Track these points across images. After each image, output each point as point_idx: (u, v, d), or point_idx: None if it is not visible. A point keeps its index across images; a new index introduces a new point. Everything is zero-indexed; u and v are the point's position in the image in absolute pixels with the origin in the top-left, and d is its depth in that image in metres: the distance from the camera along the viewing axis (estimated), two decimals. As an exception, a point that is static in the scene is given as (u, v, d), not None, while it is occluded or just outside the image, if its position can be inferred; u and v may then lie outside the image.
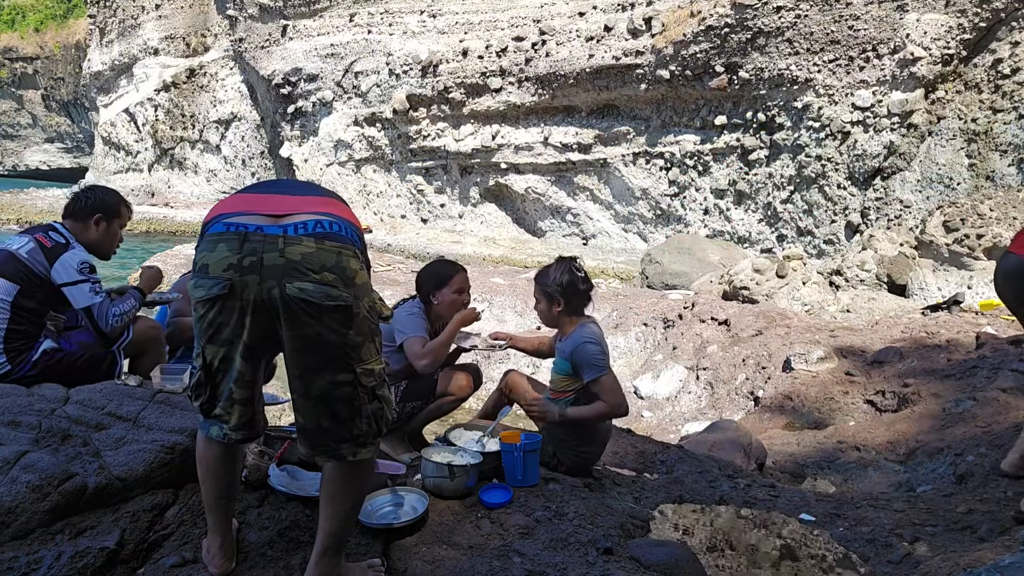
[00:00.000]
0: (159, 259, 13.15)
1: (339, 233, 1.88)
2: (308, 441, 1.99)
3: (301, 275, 1.81)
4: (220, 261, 1.82)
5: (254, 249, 1.80)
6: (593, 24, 16.57)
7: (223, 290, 1.82)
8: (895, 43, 13.01)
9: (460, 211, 19.78)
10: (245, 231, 1.82)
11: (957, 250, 10.50)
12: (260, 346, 1.93)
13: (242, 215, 1.87)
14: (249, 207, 1.90)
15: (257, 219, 1.85)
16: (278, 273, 1.80)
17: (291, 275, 1.80)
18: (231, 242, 1.82)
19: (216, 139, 25.74)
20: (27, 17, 38.86)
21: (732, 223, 15.72)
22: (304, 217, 1.86)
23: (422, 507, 2.50)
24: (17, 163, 41.37)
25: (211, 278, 1.83)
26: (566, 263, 3.18)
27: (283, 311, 1.82)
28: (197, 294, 1.87)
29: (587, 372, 3.04)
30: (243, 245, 1.81)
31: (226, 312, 1.86)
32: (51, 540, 2.11)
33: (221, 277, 1.82)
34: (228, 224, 1.84)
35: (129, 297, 3.44)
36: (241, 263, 1.80)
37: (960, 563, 2.48)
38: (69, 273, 3.20)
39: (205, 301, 1.86)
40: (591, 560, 2.29)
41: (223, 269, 1.82)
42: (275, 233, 1.81)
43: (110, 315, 3.27)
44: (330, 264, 1.83)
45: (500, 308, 9.79)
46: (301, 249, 1.81)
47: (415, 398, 3.34)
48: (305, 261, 1.81)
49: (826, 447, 5.01)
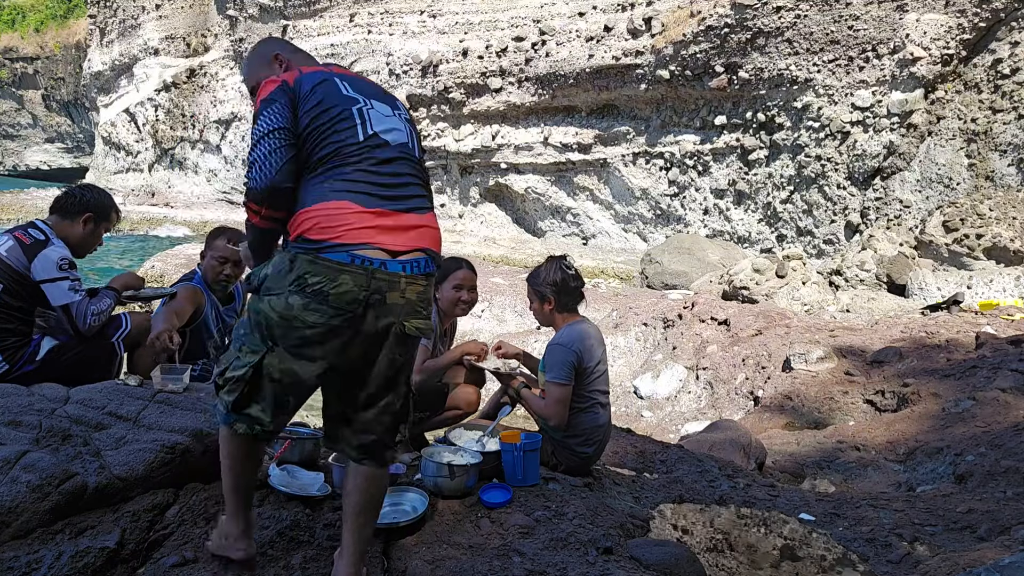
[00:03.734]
0: (159, 259, 13.16)
1: (434, 271, 2.03)
2: (362, 449, 2.05)
3: (416, 313, 1.96)
4: (344, 294, 1.84)
5: (379, 288, 1.87)
6: (593, 24, 16.56)
7: (344, 323, 1.87)
8: (895, 43, 13.00)
9: (460, 211, 19.77)
10: (372, 267, 1.86)
11: (957, 250, 10.50)
12: (341, 368, 1.97)
13: (366, 247, 1.86)
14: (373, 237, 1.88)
15: (380, 254, 1.88)
16: (398, 311, 1.92)
17: (409, 314, 1.94)
18: (357, 277, 1.85)
19: (216, 139, 25.73)
20: (27, 17, 38.83)
21: (732, 223, 15.71)
22: (417, 254, 1.94)
23: (422, 507, 2.50)
24: (17, 163, 41.34)
25: (332, 308, 1.85)
26: (556, 262, 3.20)
27: (392, 342, 1.95)
28: (309, 317, 1.85)
29: (546, 371, 3.08)
30: (370, 283, 1.86)
31: (330, 337, 1.88)
32: (51, 540, 2.11)
33: (345, 310, 1.86)
34: (354, 256, 1.85)
35: (104, 296, 3.43)
36: (368, 300, 1.87)
37: (960, 563, 2.49)
38: (48, 269, 3.19)
39: (312, 324, 1.86)
40: (591, 560, 2.29)
41: (347, 302, 1.86)
42: (397, 272, 1.89)
43: (88, 314, 3.26)
44: (428, 299, 2.02)
45: (500, 308, 9.79)
46: (416, 288, 1.94)
47: (423, 408, 3.33)
48: (419, 300, 1.96)
49: (826, 447, 5.02)
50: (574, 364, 3.04)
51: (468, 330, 8.74)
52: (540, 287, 3.17)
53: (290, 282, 1.85)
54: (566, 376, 3.04)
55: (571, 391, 3.07)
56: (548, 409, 3.08)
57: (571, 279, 3.16)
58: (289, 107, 1.91)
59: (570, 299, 3.18)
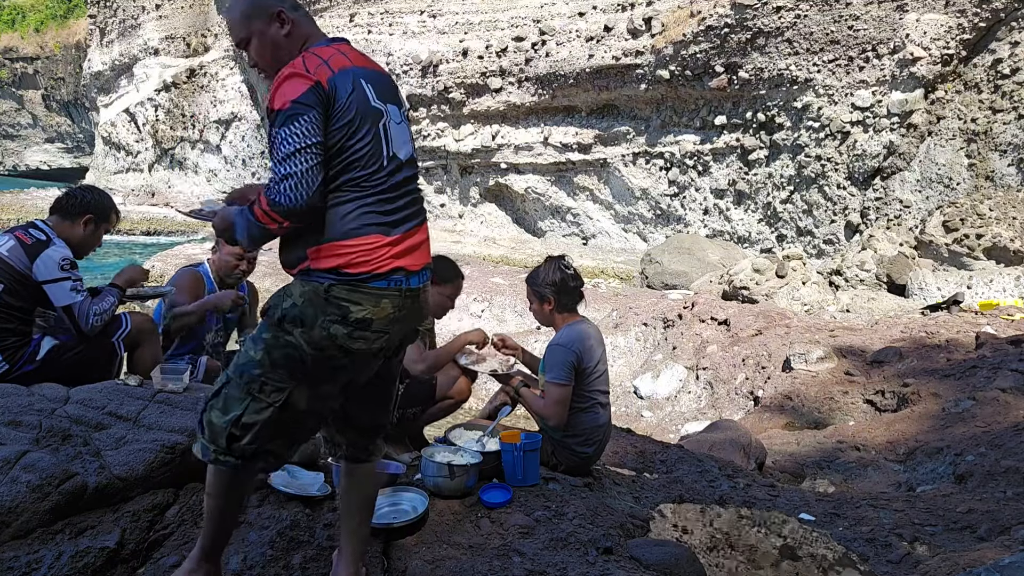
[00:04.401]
0: (159, 259, 13.17)
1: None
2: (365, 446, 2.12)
3: (424, 317, 2.13)
4: (385, 317, 1.90)
5: (406, 304, 1.96)
6: (593, 24, 16.56)
7: (384, 344, 1.94)
8: (895, 43, 13.00)
9: (460, 211, 19.77)
10: (402, 288, 1.93)
11: (957, 250, 10.50)
12: (360, 380, 2.02)
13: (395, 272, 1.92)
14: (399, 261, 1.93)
15: (404, 273, 1.94)
16: (415, 319, 2.04)
17: (422, 319, 2.11)
18: (394, 299, 1.91)
19: (216, 139, 25.73)
20: (27, 17, 38.84)
21: (732, 223, 15.71)
22: (425, 261, 2.04)
23: (422, 507, 2.50)
24: (17, 163, 41.34)
25: (375, 333, 1.90)
26: (555, 262, 3.21)
27: (404, 345, 2.11)
28: (355, 345, 1.87)
29: (546, 372, 3.09)
30: (403, 303, 1.94)
31: (366, 358, 1.95)
32: (51, 540, 2.11)
33: (384, 331, 1.92)
34: (389, 280, 1.90)
35: (107, 295, 3.43)
36: (399, 316, 1.95)
37: (960, 563, 2.49)
38: (50, 270, 3.19)
39: (356, 351, 1.89)
40: (591, 560, 2.29)
41: (387, 324, 1.92)
42: (416, 287, 1.98)
43: (90, 314, 3.26)
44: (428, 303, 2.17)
45: (500, 308, 9.80)
46: (425, 296, 2.06)
47: (414, 403, 3.34)
48: (426, 305, 2.09)
49: (826, 447, 5.02)
50: (574, 364, 3.05)
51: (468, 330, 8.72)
52: (540, 288, 3.17)
53: (329, 312, 1.84)
54: (566, 377, 3.04)
55: (571, 391, 3.07)
56: (547, 409, 3.09)
57: (570, 279, 3.17)
58: (323, 117, 1.81)
59: (570, 299, 3.19)
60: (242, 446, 1.87)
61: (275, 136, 1.79)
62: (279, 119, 1.79)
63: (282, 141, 1.77)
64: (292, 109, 1.78)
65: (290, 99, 1.78)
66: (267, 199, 1.78)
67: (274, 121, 1.80)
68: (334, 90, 1.83)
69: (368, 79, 1.93)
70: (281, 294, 1.90)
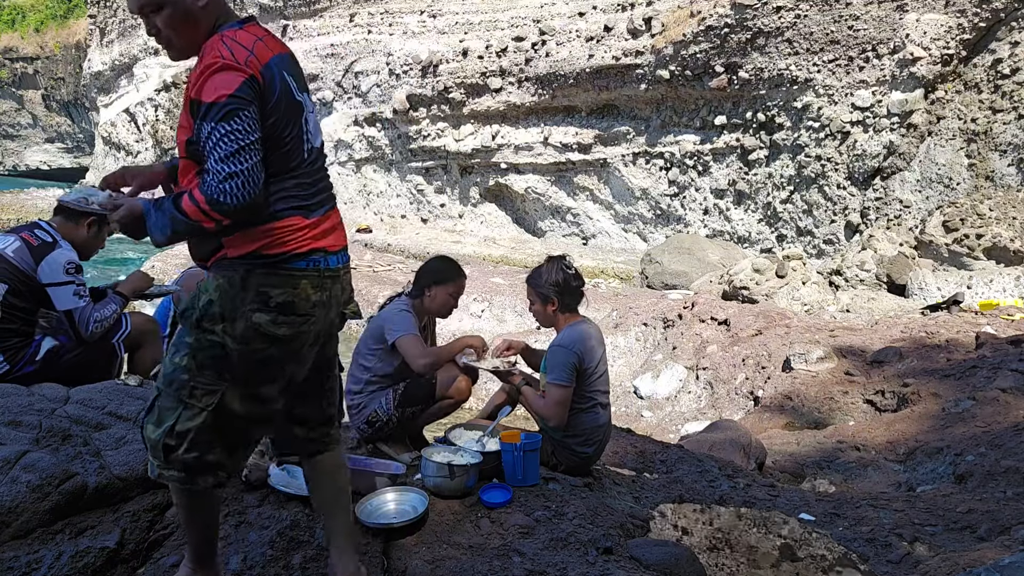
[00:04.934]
0: (159, 258, 13.17)
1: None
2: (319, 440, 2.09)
3: (350, 299, 2.07)
4: (307, 298, 1.87)
5: (327, 284, 1.92)
6: (593, 24, 16.55)
7: (308, 327, 1.89)
8: (895, 43, 13.00)
9: (460, 211, 19.76)
10: (319, 267, 1.89)
11: (957, 250, 10.50)
12: (300, 375, 1.99)
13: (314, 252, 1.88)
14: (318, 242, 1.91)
15: (323, 254, 1.91)
16: (339, 301, 1.99)
17: (347, 300, 2.04)
18: (312, 279, 1.88)
19: (216, 139, 25.73)
20: (27, 17, 38.82)
21: (732, 223, 15.70)
22: (343, 243, 2.01)
23: (422, 507, 2.50)
24: (17, 163, 41.33)
25: (300, 316, 1.86)
26: (557, 262, 3.20)
27: (336, 329, 2.06)
28: (279, 331, 1.83)
29: (548, 373, 3.09)
30: (322, 283, 1.90)
31: (293, 345, 1.89)
32: (51, 540, 2.11)
33: (309, 314, 1.88)
34: (308, 261, 1.87)
35: (110, 302, 3.43)
36: (322, 299, 1.91)
37: (960, 563, 2.49)
38: (56, 273, 3.20)
39: (281, 337, 1.84)
40: (591, 560, 2.29)
41: (311, 306, 1.88)
42: (337, 266, 1.95)
43: (91, 320, 3.26)
44: (352, 285, 2.10)
45: (500, 308, 9.80)
46: (348, 277, 2.03)
47: (414, 403, 3.33)
48: (350, 286, 2.05)
49: (826, 447, 5.02)
50: (575, 365, 3.05)
51: (468, 330, 8.73)
52: (542, 288, 3.17)
53: (249, 300, 1.80)
54: (567, 378, 3.04)
55: (571, 392, 3.08)
56: (548, 410, 3.09)
57: (572, 279, 3.17)
58: (259, 111, 1.76)
59: (572, 299, 3.19)
60: (180, 456, 1.83)
61: (211, 131, 1.70)
62: (214, 113, 1.71)
63: (222, 137, 1.69)
64: (230, 104, 1.71)
65: (225, 93, 1.70)
66: (206, 197, 1.69)
67: (205, 115, 1.72)
68: (267, 84, 1.78)
69: (288, 70, 1.88)
70: (195, 295, 1.85)
